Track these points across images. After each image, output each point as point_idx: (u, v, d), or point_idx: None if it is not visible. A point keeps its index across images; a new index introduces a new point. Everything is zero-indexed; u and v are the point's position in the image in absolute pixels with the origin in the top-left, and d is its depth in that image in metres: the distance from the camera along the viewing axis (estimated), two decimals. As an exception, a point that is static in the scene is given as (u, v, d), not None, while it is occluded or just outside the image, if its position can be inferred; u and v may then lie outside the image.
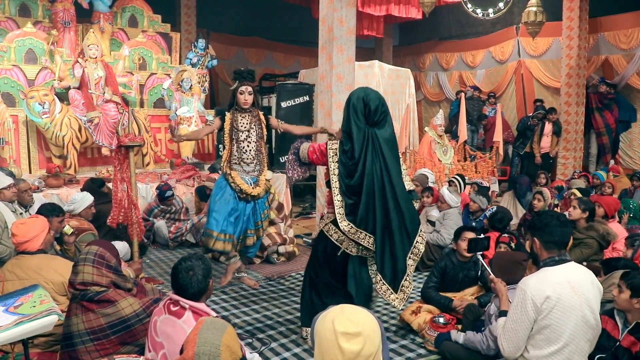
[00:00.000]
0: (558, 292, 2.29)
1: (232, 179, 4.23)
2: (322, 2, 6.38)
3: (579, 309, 2.30)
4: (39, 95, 6.20)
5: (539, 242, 2.45)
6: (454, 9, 11.46)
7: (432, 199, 5.70)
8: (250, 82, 4.27)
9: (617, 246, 4.53)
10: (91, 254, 2.69)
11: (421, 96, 12.85)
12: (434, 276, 3.77)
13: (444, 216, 5.31)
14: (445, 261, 3.81)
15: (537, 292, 2.32)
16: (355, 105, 3.07)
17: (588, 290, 2.34)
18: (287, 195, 7.21)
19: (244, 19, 12.60)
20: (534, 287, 2.34)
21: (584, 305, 2.30)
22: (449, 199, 5.37)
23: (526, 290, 2.35)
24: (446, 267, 3.76)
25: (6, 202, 4.25)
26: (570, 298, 2.29)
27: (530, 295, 2.32)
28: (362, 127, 3.04)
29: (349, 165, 3.05)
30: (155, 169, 7.67)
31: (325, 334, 1.48)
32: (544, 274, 2.39)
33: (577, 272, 2.39)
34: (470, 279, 3.72)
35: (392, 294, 3.06)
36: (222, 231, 4.16)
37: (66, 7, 7.36)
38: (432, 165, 7.74)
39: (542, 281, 2.35)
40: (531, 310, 2.32)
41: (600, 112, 9.29)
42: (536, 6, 7.36)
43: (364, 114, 3.05)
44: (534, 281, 2.37)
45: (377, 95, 3.11)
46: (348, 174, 3.06)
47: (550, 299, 2.29)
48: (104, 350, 2.53)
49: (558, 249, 2.41)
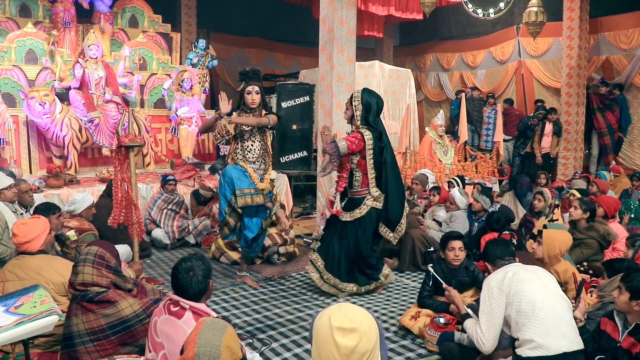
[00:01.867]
0: (513, 269, 2.76)
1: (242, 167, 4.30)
2: (323, 2, 6.39)
3: (536, 279, 2.68)
4: (40, 96, 6.20)
5: (489, 265, 3.02)
6: (455, 9, 11.45)
7: (438, 198, 5.71)
8: (256, 82, 4.29)
9: (618, 246, 4.53)
10: (91, 254, 2.69)
11: (422, 96, 12.84)
12: (427, 285, 3.69)
13: (450, 218, 5.33)
14: (436, 268, 3.75)
15: (497, 278, 2.73)
16: (379, 104, 4.24)
17: (538, 270, 2.80)
18: (288, 195, 7.21)
19: (244, 19, 12.60)
20: (494, 277, 2.77)
21: (540, 275, 2.72)
22: (460, 201, 5.38)
23: (489, 282, 2.74)
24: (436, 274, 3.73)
25: (7, 202, 4.26)
26: (523, 272, 2.74)
27: (494, 284, 2.71)
28: (379, 120, 4.25)
29: (380, 146, 4.17)
30: (155, 169, 7.68)
31: (322, 329, 1.50)
32: (500, 268, 2.87)
33: (526, 264, 2.90)
34: (463, 284, 3.64)
35: (390, 232, 4.29)
36: (249, 186, 4.25)
37: (66, 7, 7.36)
38: (433, 165, 7.74)
39: (499, 271, 2.81)
40: (498, 295, 2.66)
41: (602, 113, 9.29)
42: (537, 6, 7.36)
43: (377, 111, 4.23)
44: (493, 274, 2.83)
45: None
46: (380, 152, 4.17)
47: (508, 275, 2.70)
48: (104, 351, 2.53)
49: (502, 259, 2.94)
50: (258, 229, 4.44)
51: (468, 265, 3.68)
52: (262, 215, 4.46)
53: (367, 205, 4.20)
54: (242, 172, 4.29)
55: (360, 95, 4.19)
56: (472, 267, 3.70)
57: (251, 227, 4.40)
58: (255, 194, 4.28)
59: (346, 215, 4.22)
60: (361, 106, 4.16)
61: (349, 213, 4.22)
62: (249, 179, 4.28)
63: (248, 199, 4.24)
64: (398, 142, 8.49)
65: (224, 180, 4.30)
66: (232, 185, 4.24)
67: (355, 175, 4.21)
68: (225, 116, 4.17)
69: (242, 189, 4.23)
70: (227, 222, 4.35)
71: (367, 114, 4.16)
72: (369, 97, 4.20)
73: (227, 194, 4.28)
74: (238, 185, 4.22)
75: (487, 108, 10.41)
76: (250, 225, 4.39)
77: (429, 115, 12.52)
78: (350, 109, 4.23)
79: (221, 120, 4.18)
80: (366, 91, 4.25)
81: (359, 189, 4.22)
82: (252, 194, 4.26)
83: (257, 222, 4.44)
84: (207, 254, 5.55)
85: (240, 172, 4.28)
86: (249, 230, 4.39)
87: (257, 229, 4.43)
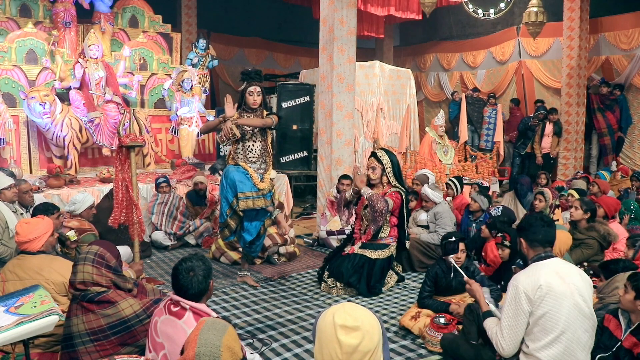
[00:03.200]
0: (548, 281, 2.38)
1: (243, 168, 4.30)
2: (323, 3, 6.39)
3: (570, 296, 2.35)
4: (40, 96, 6.20)
5: (525, 242, 2.60)
6: (455, 9, 11.46)
7: (416, 204, 5.66)
8: (258, 82, 4.30)
9: (618, 246, 4.53)
10: (91, 253, 2.69)
11: (422, 96, 12.84)
12: (427, 285, 3.72)
13: (435, 216, 5.27)
14: (436, 269, 3.75)
15: (528, 284, 2.40)
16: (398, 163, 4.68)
17: (577, 280, 2.42)
18: (288, 195, 7.21)
19: (244, 19, 12.61)
20: (524, 280, 2.42)
21: (575, 292, 2.36)
22: (434, 197, 5.35)
23: (517, 285, 2.42)
24: (437, 275, 3.71)
25: (7, 202, 4.25)
26: (560, 286, 2.37)
27: (522, 288, 2.40)
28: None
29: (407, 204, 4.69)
30: (156, 170, 7.68)
31: (325, 326, 1.50)
32: (532, 268, 2.49)
33: (563, 265, 2.50)
34: (463, 284, 3.64)
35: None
36: (251, 189, 4.27)
37: (67, 7, 7.36)
38: (433, 165, 7.74)
39: (531, 274, 2.44)
40: (525, 303, 2.38)
41: (602, 113, 9.29)
42: (537, 6, 7.36)
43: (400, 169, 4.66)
44: (523, 276, 2.46)
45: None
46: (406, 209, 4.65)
47: (542, 288, 2.36)
48: (104, 351, 2.53)
49: (543, 247, 2.54)
50: (257, 232, 4.47)
51: (468, 265, 3.69)
52: (262, 219, 4.48)
53: (390, 250, 4.55)
54: (244, 174, 4.29)
55: (385, 155, 4.52)
56: (472, 267, 3.72)
57: (250, 230, 4.42)
58: (256, 197, 4.29)
59: (366, 252, 4.46)
60: (390, 164, 4.49)
61: (368, 250, 4.47)
62: (251, 182, 4.29)
63: (250, 202, 4.26)
64: (398, 142, 8.49)
65: (226, 182, 4.31)
66: (234, 188, 4.25)
67: (384, 227, 4.53)
68: (230, 119, 4.19)
69: (244, 192, 4.24)
70: (228, 225, 4.37)
71: (396, 171, 4.51)
72: (391, 155, 4.57)
73: (228, 196, 4.29)
74: (240, 188, 4.23)
75: (488, 108, 10.41)
76: (249, 228, 4.41)
77: (429, 116, 12.53)
78: (379, 168, 4.48)
79: (227, 123, 4.19)
80: (387, 151, 4.62)
81: (385, 238, 4.55)
82: (254, 197, 4.28)
83: (257, 226, 4.45)
84: (207, 254, 5.54)
85: (242, 175, 4.28)
86: (247, 232, 4.42)
87: (255, 232, 4.45)
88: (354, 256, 4.45)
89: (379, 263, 4.44)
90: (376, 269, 4.43)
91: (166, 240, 5.99)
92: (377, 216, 4.33)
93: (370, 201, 4.32)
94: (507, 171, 9.84)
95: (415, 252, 5.12)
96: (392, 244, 4.55)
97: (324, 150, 6.63)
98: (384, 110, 8.76)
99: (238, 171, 4.30)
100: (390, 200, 4.38)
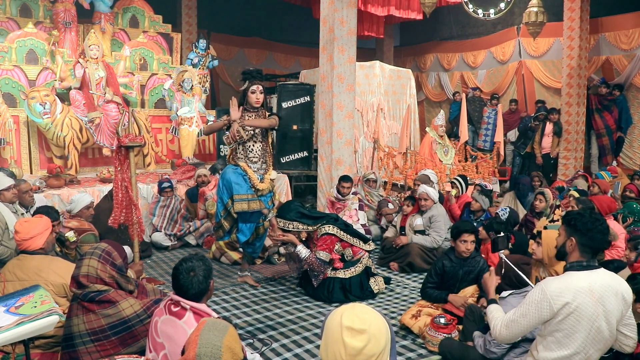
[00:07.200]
0: (578, 300, 2.24)
1: (242, 169, 4.30)
2: (323, 3, 6.39)
3: (595, 320, 2.25)
4: (40, 96, 6.20)
5: (576, 242, 2.38)
6: (455, 9, 11.46)
7: (411, 209, 5.52)
8: (260, 82, 4.31)
9: (617, 244, 4.52)
10: (99, 249, 2.71)
11: (422, 97, 12.85)
12: (431, 277, 3.80)
13: (430, 220, 5.24)
14: (443, 260, 3.81)
15: (557, 295, 2.27)
16: None
17: (610, 302, 2.27)
18: (288, 196, 7.21)
19: (244, 19, 12.61)
20: (555, 290, 2.28)
21: (601, 316, 2.25)
22: (434, 194, 5.31)
23: (546, 291, 2.29)
24: (444, 265, 3.78)
25: (7, 203, 4.25)
26: (588, 307, 2.24)
27: (549, 296, 2.27)
28: None
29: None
30: (156, 170, 7.68)
31: (333, 327, 1.49)
32: (567, 278, 2.33)
33: (602, 281, 2.30)
34: (469, 274, 3.72)
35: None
36: (247, 192, 4.27)
37: (67, 7, 7.37)
38: (433, 165, 7.73)
39: (563, 286, 2.29)
40: (546, 312, 2.28)
41: (599, 114, 9.29)
42: (537, 7, 7.36)
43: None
44: (556, 284, 2.31)
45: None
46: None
47: (569, 306, 2.24)
48: (104, 351, 2.53)
49: (592, 255, 2.35)
50: (250, 234, 4.46)
51: (475, 255, 3.82)
52: (256, 221, 4.47)
53: (362, 263, 4.47)
54: (242, 175, 4.29)
55: (287, 222, 4.32)
56: (479, 257, 3.87)
57: (244, 231, 4.41)
58: (252, 200, 4.29)
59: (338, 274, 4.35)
60: (294, 224, 4.35)
61: (341, 272, 4.36)
62: (248, 184, 4.28)
63: (245, 204, 4.26)
64: (398, 143, 8.49)
65: (222, 183, 4.31)
66: (230, 190, 4.25)
67: (344, 253, 4.45)
68: (235, 121, 4.20)
69: (240, 194, 4.24)
70: (221, 225, 4.38)
71: (305, 222, 4.39)
72: (288, 214, 4.41)
73: (224, 197, 4.30)
74: (236, 190, 4.23)
75: (488, 108, 10.41)
76: (243, 229, 4.41)
77: (429, 116, 12.53)
78: (295, 232, 4.34)
79: (234, 125, 4.21)
80: (284, 214, 4.37)
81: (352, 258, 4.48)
82: (250, 200, 4.28)
83: (251, 227, 4.45)
84: (207, 254, 5.55)
85: (239, 176, 4.28)
86: (241, 233, 4.41)
87: (249, 233, 4.44)
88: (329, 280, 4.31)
89: (354, 279, 4.36)
90: (353, 285, 4.35)
91: (166, 240, 5.99)
92: (322, 270, 4.26)
93: (309, 265, 4.26)
94: (507, 171, 9.84)
95: (416, 256, 5.11)
96: (362, 257, 4.45)
97: (324, 150, 6.63)
98: (384, 111, 8.77)
99: (235, 172, 4.30)
100: (324, 253, 4.26)
